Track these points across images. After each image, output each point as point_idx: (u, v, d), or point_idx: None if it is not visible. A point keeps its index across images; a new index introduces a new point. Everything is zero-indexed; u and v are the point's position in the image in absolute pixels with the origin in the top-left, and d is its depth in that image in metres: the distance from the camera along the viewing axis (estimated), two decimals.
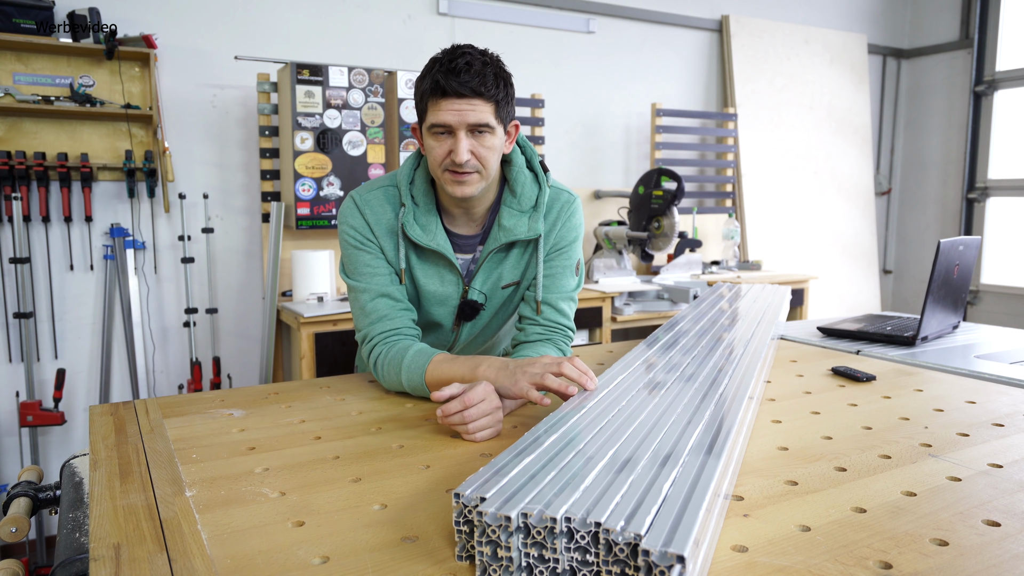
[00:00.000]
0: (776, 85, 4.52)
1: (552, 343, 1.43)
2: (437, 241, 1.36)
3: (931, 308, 1.73)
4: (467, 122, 1.23)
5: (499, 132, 1.29)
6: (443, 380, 1.24)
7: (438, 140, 1.26)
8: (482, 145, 1.26)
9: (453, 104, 1.22)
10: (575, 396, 1.06)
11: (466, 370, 1.22)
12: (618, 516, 0.64)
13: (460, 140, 1.24)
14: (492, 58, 1.27)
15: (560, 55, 3.94)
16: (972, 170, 4.87)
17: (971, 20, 4.81)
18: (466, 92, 1.21)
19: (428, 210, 1.38)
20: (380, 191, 1.39)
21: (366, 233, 1.38)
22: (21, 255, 2.77)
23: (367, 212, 1.38)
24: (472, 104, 1.23)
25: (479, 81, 1.22)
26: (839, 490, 0.88)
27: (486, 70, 1.23)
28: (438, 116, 1.24)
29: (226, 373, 3.23)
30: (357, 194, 1.40)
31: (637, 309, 3.49)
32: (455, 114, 1.23)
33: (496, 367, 1.19)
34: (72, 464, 1.15)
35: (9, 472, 2.89)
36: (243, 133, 3.20)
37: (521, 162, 1.40)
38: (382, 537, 0.78)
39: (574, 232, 1.46)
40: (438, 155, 1.27)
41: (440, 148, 1.26)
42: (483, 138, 1.26)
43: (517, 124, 1.37)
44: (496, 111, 1.26)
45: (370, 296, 1.38)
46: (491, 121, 1.25)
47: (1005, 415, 1.21)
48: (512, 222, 1.38)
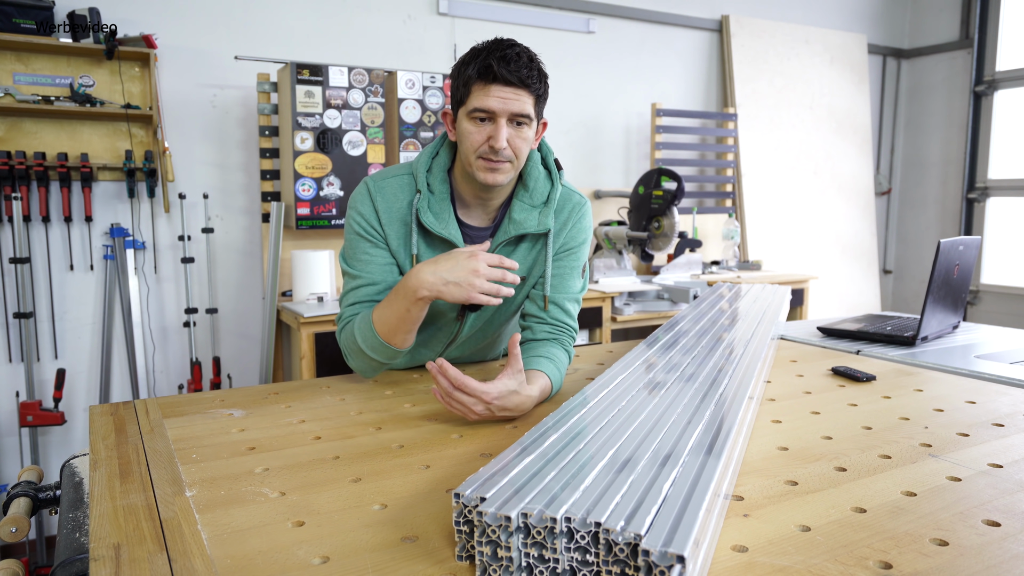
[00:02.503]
0: (776, 85, 4.52)
1: (559, 343, 1.44)
2: (449, 230, 1.38)
3: (931, 308, 1.73)
4: (510, 110, 1.26)
5: (534, 126, 1.32)
6: (388, 320, 1.30)
7: (477, 126, 1.28)
8: (519, 136, 1.29)
9: (501, 91, 1.25)
10: (576, 397, 1.06)
11: (402, 295, 1.28)
12: (618, 516, 0.64)
13: (501, 127, 1.26)
14: (535, 55, 1.30)
15: (560, 55, 3.94)
16: (972, 170, 4.87)
17: (971, 20, 4.81)
18: (514, 80, 1.24)
19: (443, 199, 1.40)
20: (395, 179, 1.41)
21: (372, 221, 1.39)
22: (21, 255, 2.77)
23: (378, 199, 1.39)
24: (518, 93, 1.26)
25: (527, 72, 1.25)
26: (839, 490, 0.88)
27: (532, 64, 1.27)
28: (484, 101, 1.25)
29: (226, 373, 3.23)
30: (371, 180, 1.42)
31: (637, 309, 3.49)
32: (500, 101, 1.25)
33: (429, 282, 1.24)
34: (72, 464, 1.15)
35: (9, 472, 2.89)
36: (243, 133, 3.20)
37: (537, 158, 1.43)
38: (382, 537, 0.78)
39: (583, 234, 1.48)
40: (476, 140, 1.28)
41: (479, 133, 1.28)
42: (521, 129, 1.29)
43: (546, 123, 1.39)
44: (536, 104, 1.29)
45: (358, 283, 1.41)
46: (531, 113, 1.28)
47: (1005, 415, 1.21)
48: (523, 216, 1.40)
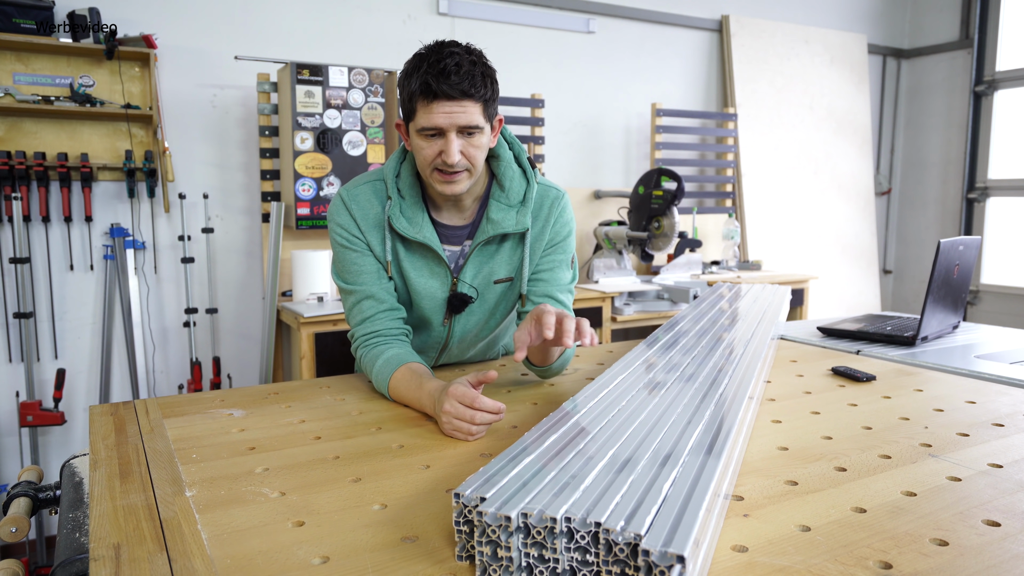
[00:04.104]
0: (776, 85, 4.52)
1: None
2: (424, 233, 1.37)
3: (931, 308, 1.73)
4: (458, 124, 1.23)
5: (487, 130, 1.29)
6: (403, 396, 1.27)
7: (428, 141, 1.26)
8: (471, 145, 1.27)
9: (443, 107, 1.22)
10: (569, 402, 1.06)
11: (420, 399, 1.22)
12: (618, 516, 0.63)
13: (451, 142, 1.24)
14: (477, 55, 1.26)
15: (560, 55, 3.94)
16: (972, 170, 4.87)
17: (971, 20, 4.81)
18: (456, 95, 1.21)
19: (415, 202, 1.39)
20: (367, 185, 1.41)
21: (352, 230, 1.39)
22: (21, 255, 2.77)
23: (353, 207, 1.39)
24: (462, 106, 1.23)
25: (468, 83, 1.21)
26: (839, 490, 0.88)
27: (474, 70, 1.23)
28: (430, 119, 1.23)
29: (226, 373, 3.23)
30: (344, 190, 1.41)
31: (637, 309, 3.49)
32: (446, 117, 1.22)
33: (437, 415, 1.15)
34: (72, 464, 1.15)
35: (9, 472, 2.89)
36: (243, 133, 3.20)
37: (509, 157, 1.42)
38: (382, 537, 0.78)
39: (567, 227, 1.48)
40: (428, 155, 1.27)
41: (430, 149, 1.26)
42: (472, 138, 1.27)
43: (501, 119, 1.37)
44: (484, 110, 1.27)
45: (356, 298, 1.40)
46: (480, 122, 1.26)
47: (1005, 415, 1.21)
48: (500, 215, 1.39)
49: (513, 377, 1.51)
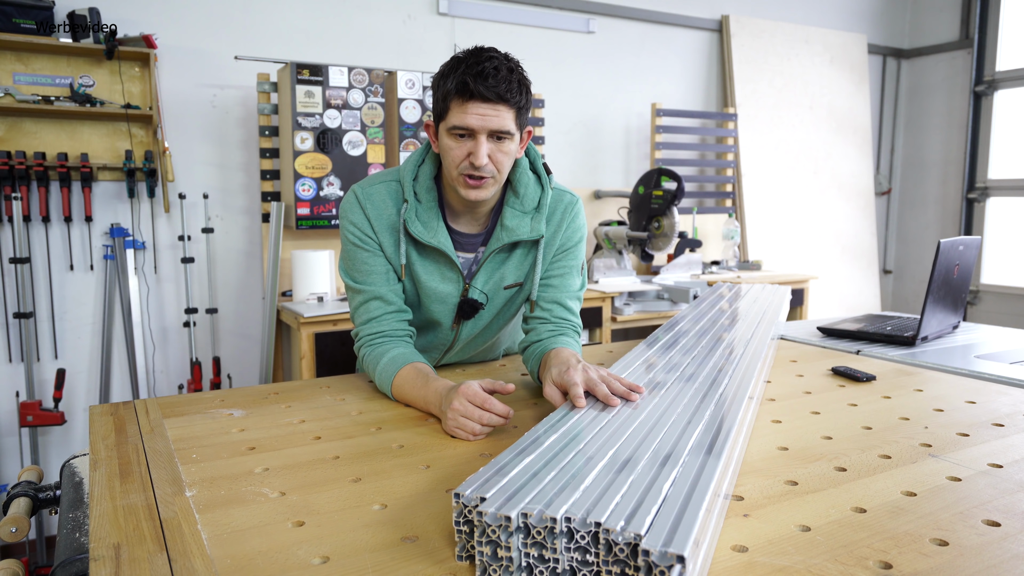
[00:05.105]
0: (776, 85, 4.52)
1: (565, 335, 1.43)
2: (439, 239, 1.36)
3: (931, 308, 1.73)
4: (490, 127, 1.23)
5: (516, 139, 1.29)
6: (406, 395, 1.27)
7: (457, 142, 1.26)
8: (500, 151, 1.26)
9: (479, 108, 1.22)
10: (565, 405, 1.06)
11: (425, 398, 1.21)
12: (618, 516, 0.64)
13: (481, 144, 1.24)
14: (515, 63, 1.27)
15: (560, 55, 3.94)
16: (972, 170, 4.87)
17: (971, 20, 4.81)
18: (492, 97, 1.21)
19: (431, 207, 1.38)
20: (383, 185, 1.39)
21: (366, 229, 1.37)
22: (21, 255, 2.77)
23: (368, 207, 1.38)
24: (496, 109, 1.23)
25: (505, 87, 1.22)
26: (839, 490, 0.88)
27: (511, 76, 1.23)
28: (463, 119, 1.23)
29: (226, 373, 3.23)
30: (359, 188, 1.40)
31: (637, 309, 3.49)
32: (479, 118, 1.22)
33: (442, 413, 1.15)
34: (72, 464, 1.15)
35: (9, 472, 2.89)
36: (243, 133, 3.20)
37: (525, 164, 1.41)
38: (382, 537, 0.78)
39: (579, 233, 1.47)
40: (456, 157, 1.27)
41: (459, 150, 1.26)
42: (502, 144, 1.26)
43: (530, 131, 1.37)
44: (517, 117, 1.26)
45: (364, 297, 1.39)
46: (512, 128, 1.25)
47: (1005, 415, 1.21)
48: (515, 222, 1.38)
49: (513, 377, 1.51)
